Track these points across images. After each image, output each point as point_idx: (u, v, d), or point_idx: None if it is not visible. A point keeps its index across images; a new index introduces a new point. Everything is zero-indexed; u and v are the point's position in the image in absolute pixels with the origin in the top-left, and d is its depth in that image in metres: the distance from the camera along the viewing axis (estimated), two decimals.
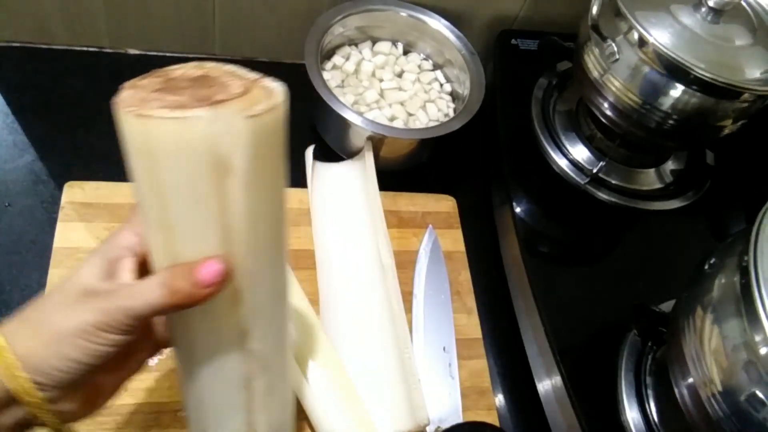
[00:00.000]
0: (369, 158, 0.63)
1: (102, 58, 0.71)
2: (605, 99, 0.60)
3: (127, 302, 0.30)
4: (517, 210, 0.63)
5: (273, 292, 0.35)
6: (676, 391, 0.44)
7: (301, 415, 0.48)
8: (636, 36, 0.54)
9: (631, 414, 0.50)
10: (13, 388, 0.29)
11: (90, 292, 0.31)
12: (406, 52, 0.75)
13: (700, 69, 0.51)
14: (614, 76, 0.57)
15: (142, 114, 0.26)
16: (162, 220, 0.29)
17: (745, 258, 0.38)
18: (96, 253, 0.33)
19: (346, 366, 0.53)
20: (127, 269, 0.33)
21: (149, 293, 0.30)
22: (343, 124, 0.63)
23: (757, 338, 0.36)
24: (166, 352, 0.40)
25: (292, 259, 0.59)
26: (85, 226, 0.56)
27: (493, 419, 0.55)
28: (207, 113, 0.26)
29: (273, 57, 0.77)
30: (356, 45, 0.73)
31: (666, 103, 0.55)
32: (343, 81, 0.70)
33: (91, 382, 0.33)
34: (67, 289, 0.31)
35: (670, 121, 0.56)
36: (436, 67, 0.75)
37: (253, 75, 0.29)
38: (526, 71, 0.73)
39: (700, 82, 0.52)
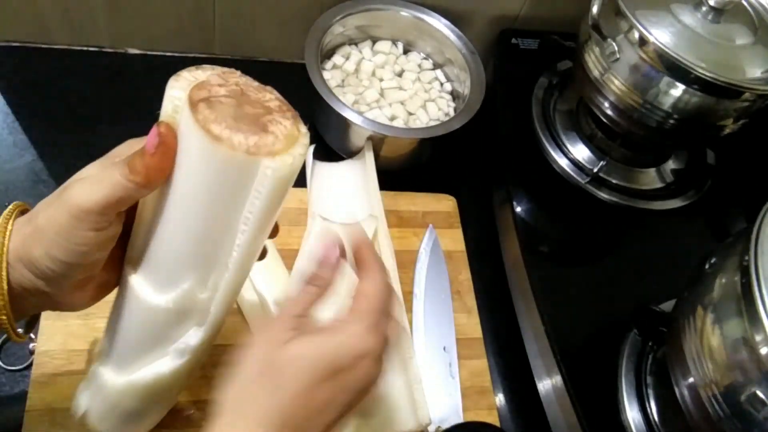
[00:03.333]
0: (369, 158, 0.63)
1: (102, 58, 0.71)
2: (606, 98, 0.60)
3: (90, 192, 0.31)
4: (518, 210, 0.63)
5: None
6: (676, 390, 0.44)
7: None
8: (636, 35, 0.54)
9: (632, 414, 0.50)
10: None
11: (63, 191, 0.33)
12: (406, 52, 0.75)
13: (701, 68, 0.51)
14: (615, 75, 0.57)
15: (218, 136, 0.30)
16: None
17: (746, 258, 0.37)
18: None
19: None
20: None
21: (111, 177, 0.31)
22: (344, 124, 0.63)
23: (758, 338, 0.36)
24: None
25: (292, 258, 0.59)
26: None
27: (493, 419, 0.55)
28: (269, 161, 0.31)
29: (273, 57, 0.77)
30: (356, 44, 0.73)
31: (667, 102, 0.55)
32: (343, 80, 0.70)
33: (99, 277, 0.36)
34: (55, 193, 0.33)
35: (671, 121, 0.56)
36: (437, 66, 0.75)
37: (291, 112, 0.34)
38: (526, 70, 0.73)
39: (701, 82, 0.52)
